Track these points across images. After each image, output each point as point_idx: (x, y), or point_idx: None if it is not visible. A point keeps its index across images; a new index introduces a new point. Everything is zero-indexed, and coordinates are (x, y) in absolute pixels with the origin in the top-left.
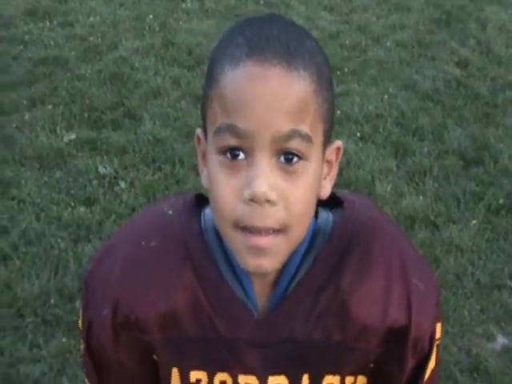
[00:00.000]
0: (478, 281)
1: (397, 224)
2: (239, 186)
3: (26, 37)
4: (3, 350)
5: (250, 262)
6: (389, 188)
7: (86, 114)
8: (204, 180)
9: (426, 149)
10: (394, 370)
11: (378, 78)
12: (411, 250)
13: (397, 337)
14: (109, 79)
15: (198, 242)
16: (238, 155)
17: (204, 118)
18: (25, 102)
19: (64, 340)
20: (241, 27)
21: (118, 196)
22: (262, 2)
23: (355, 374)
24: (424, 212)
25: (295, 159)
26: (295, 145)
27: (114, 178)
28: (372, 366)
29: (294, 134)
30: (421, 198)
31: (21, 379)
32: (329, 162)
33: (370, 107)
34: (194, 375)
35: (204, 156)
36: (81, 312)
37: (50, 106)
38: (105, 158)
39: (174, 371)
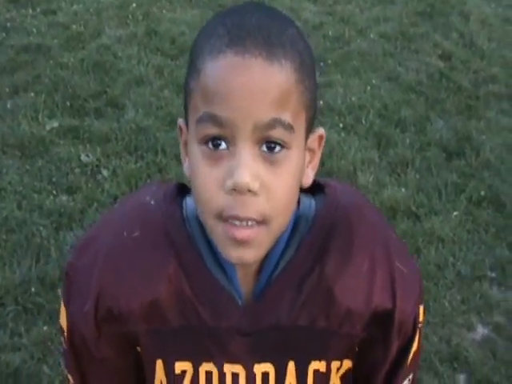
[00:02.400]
0: (458, 272)
1: (378, 210)
2: (221, 176)
3: (9, 24)
4: None
5: (232, 254)
6: (371, 179)
7: (68, 103)
8: (186, 170)
9: (408, 140)
10: (379, 353)
11: (361, 70)
12: (393, 235)
13: (382, 321)
14: (92, 67)
15: (180, 231)
16: (220, 145)
17: (186, 108)
18: (7, 90)
19: (45, 328)
20: (222, 17)
21: (100, 184)
22: None
23: (341, 359)
24: (406, 203)
25: (277, 148)
26: (277, 134)
27: (97, 166)
28: (357, 349)
29: (275, 123)
30: (402, 189)
31: (1, 367)
32: (311, 150)
33: (353, 98)
34: (179, 366)
35: (186, 146)
36: (62, 307)
37: (32, 94)
38: (87, 146)
39: (159, 363)
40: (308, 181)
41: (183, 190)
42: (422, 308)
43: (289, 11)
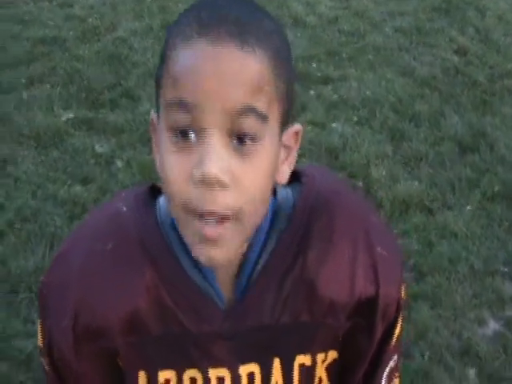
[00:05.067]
0: (471, 266)
1: (359, 194)
2: (190, 168)
3: (26, 16)
4: None
5: (202, 253)
6: (384, 173)
7: (83, 94)
8: (158, 166)
9: (422, 135)
10: (364, 340)
11: (376, 64)
12: (374, 218)
13: (365, 308)
14: (107, 60)
15: (155, 237)
16: (189, 135)
17: (157, 98)
18: (23, 81)
19: None
20: (197, 5)
21: (114, 175)
22: None
23: (326, 350)
24: (419, 197)
25: (249, 140)
26: (249, 123)
27: (111, 157)
28: (340, 339)
29: (248, 111)
30: (416, 183)
31: (14, 353)
32: (287, 147)
33: (368, 92)
34: (163, 375)
35: (158, 143)
36: (39, 325)
37: (48, 86)
38: (102, 137)
39: (141, 375)
40: (283, 178)
41: (156, 191)
42: (403, 287)
43: (304, 5)
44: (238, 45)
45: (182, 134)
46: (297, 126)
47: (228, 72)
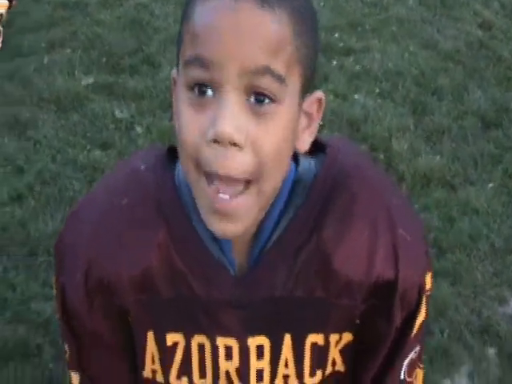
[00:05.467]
0: (492, 244)
1: (384, 172)
2: (205, 125)
3: None
4: (15, 287)
5: (215, 226)
6: (405, 146)
7: (104, 59)
8: (175, 126)
9: (444, 108)
10: (382, 325)
11: (399, 36)
12: (398, 199)
13: (383, 291)
14: (128, 25)
15: (171, 198)
16: (206, 92)
17: (177, 55)
18: (43, 45)
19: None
20: None
21: (133, 141)
22: None
23: (340, 332)
24: (441, 172)
25: (267, 100)
26: (266, 83)
27: (131, 122)
28: (358, 322)
29: (265, 71)
30: (438, 157)
31: (32, 316)
32: (309, 115)
33: (390, 64)
34: (171, 338)
35: (177, 101)
36: (54, 280)
37: (68, 50)
38: (122, 102)
39: (150, 335)
40: (303, 146)
41: (175, 154)
42: (429, 276)
43: None
44: (258, 2)
45: (200, 90)
46: (319, 93)
47: (246, 30)
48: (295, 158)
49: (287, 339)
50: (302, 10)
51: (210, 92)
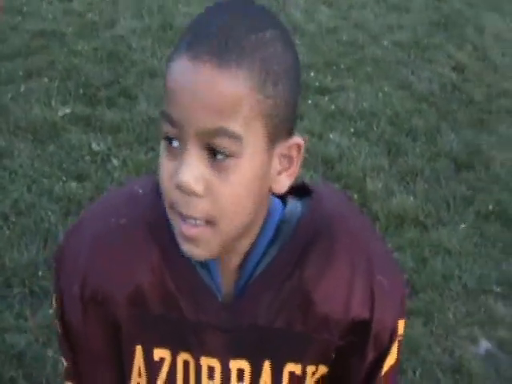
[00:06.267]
0: (464, 284)
1: (366, 219)
2: (173, 172)
3: (25, 8)
4: None
5: (184, 248)
6: (380, 186)
7: (81, 90)
8: None
9: (418, 150)
10: (355, 361)
11: (374, 76)
12: (379, 246)
13: (359, 330)
14: (105, 57)
15: (165, 222)
16: (173, 142)
17: None
18: (21, 74)
19: (51, 312)
20: (197, 16)
21: (109, 173)
22: None
23: (316, 364)
24: (414, 212)
25: (220, 156)
26: (221, 143)
27: (107, 155)
28: (334, 356)
29: (219, 132)
30: (411, 198)
31: (6, 349)
32: (288, 157)
33: (365, 104)
34: (158, 353)
35: None
36: (53, 286)
37: (45, 79)
38: (98, 134)
39: (138, 349)
40: (281, 188)
41: None
42: (402, 322)
43: (303, 13)
44: (216, 64)
45: (169, 141)
46: (297, 139)
47: (202, 93)
48: (283, 198)
49: (266, 366)
50: (273, 59)
51: (176, 143)
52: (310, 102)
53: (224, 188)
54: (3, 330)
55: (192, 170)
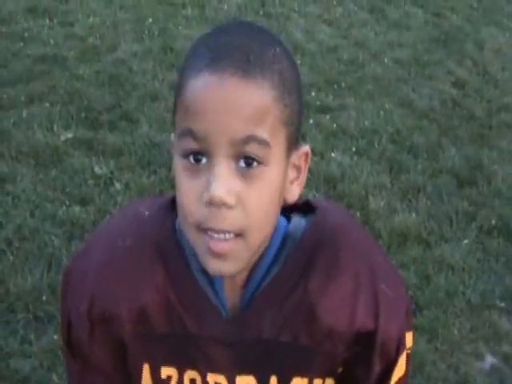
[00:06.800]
0: (468, 300)
1: (367, 232)
2: (200, 189)
3: (26, 34)
4: None
5: (211, 266)
6: (382, 204)
7: (83, 114)
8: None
9: (420, 167)
10: (361, 373)
11: (375, 94)
12: (381, 257)
13: (364, 341)
14: (107, 81)
15: (170, 242)
16: (201, 160)
17: (173, 124)
18: (23, 99)
19: (55, 337)
20: (206, 37)
21: (112, 197)
22: (261, 12)
23: (323, 377)
24: (416, 229)
25: (254, 164)
26: (252, 149)
27: (110, 178)
28: (340, 369)
29: (250, 139)
30: (413, 215)
31: (10, 373)
32: (297, 167)
33: (366, 122)
34: (165, 371)
35: (175, 166)
36: (60, 307)
37: (47, 104)
38: (101, 158)
39: (145, 367)
40: (293, 197)
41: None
42: (409, 334)
43: (304, 33)
44: (242, 75)
45: (194, 158)
46: (305, 148)
47: (231, 104)
48: (288, 216)
49: (273, 380)
50: (286, 72)
51: (204, 160)
52: (311, 121)
53: (254, 197)
54: (8, 356)
55: (224, 183)
